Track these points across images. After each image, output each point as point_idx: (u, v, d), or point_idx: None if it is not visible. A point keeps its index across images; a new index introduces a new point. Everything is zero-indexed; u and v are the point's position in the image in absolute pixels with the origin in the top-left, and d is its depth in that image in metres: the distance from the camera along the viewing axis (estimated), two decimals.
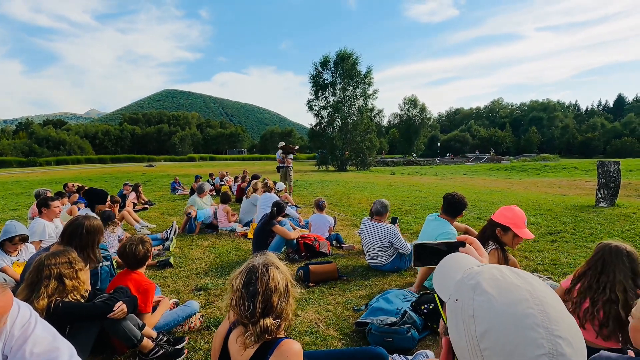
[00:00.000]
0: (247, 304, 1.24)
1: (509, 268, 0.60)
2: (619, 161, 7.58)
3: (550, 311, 0.50)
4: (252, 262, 1.36)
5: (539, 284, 0.56)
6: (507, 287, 0.54)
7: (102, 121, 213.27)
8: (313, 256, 4.60)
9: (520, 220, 2.52)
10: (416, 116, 68.11)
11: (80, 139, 79.00)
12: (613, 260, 2.05)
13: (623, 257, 2.04)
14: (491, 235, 2.56)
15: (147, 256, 2.53)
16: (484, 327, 0.52)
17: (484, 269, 0.60)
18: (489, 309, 0.53)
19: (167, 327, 2.56)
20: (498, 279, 0.56)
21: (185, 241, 5.64)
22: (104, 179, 20.36)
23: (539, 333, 0.48)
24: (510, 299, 0.52)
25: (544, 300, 0.52)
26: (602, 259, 2.10)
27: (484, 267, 0.61)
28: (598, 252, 2.15)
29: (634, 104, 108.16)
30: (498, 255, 2.49)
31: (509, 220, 2.51)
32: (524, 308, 0.50)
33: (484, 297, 0.54)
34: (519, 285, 0.54)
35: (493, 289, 0.54)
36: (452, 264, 0.71)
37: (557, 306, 0.52)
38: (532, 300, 0.51)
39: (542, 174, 21.97)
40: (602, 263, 2.08)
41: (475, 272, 0.60)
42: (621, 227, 5.45)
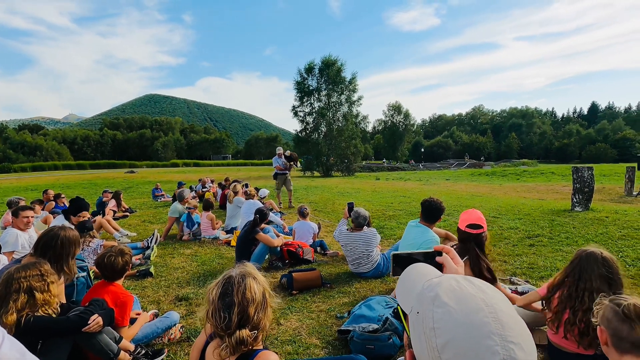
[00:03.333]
0: (223, 315, 1.23)
1: (465, 278, 0.62)
2: (593, 167, 7.88)
3: (503, 318, 0.53)
4: (229, 273, 1.35)
5: (491, 291, 0.58)
6: (463, 298, 0.56)
7: (82, 126, 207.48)
8: (297, 263, 4.59)
9: (466, 219, 2.57)
10: (400, 122, 69.12)
11: (58, 144, 76.55)
12: (589, 267, 2.06)
13: (598, 263, 2.04)
14: (470, 240, 2.60)
15: (126, 268, 2.46)
16: (444, 339, 0.53)
17: (443, 280, 0.62)
18: (449, 320, 0.54)
19: (145, 340, 2.49)
20: (455, 289, 0.58)
21: (166, 249, 5.53)
22: (83, 186, 19.78)
23: (494, 340, 0.50)
24: (467, 309, 0.54)
25: (497, 308, 0.54)
26: (579, 266, 2.10)
27: (442, 278, 0.63)
28: (575, 259, 2.17)
29: (606, 111, 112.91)
30: (471, 264, 2.52)
31: (460, 223, 2.59)
32: (480, 317, 0.52)
33: (444, 309, 0.56)
34: (474, 294, 0.56)
35: (451, 300, 0.56)
36: (413, 276, 0.73)
37: (509, 312, 0.55)
38: (486, 309, 0.53)
39: (522, 179, 22.58)
40: (579, 270, 2.09)
41: (434, 284, 0.61)
42: (595, 231, 5.65)
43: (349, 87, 33.85)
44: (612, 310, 1.41)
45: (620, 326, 1.36)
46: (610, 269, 2.03)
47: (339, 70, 33.06)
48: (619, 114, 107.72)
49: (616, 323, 1.37)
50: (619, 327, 1.36)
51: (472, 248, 2.51)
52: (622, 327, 1.35)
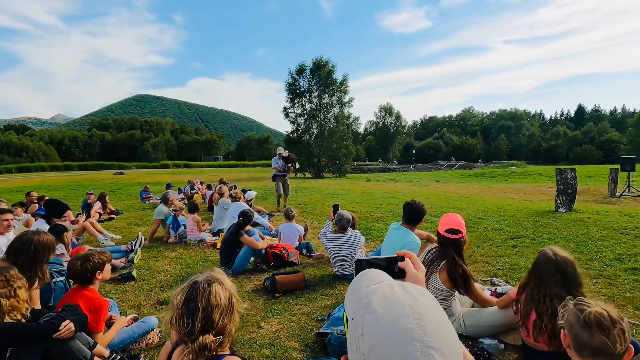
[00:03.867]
0: (187, 321, 1.22)
1: (401, 284, 0.63)
2: (576, 169, 8.03)
3: (426, 324, 0.54)
4: (195, 278, 1.35)
5: (423, 297, 0.59)
6: (392, 304, 0.57)
7: (70, 127, 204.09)
8: (282, 266, 4.58)
9: (445, 224, 2.62)
10: (391, 124, 69.61)
11: (45, 145, 75.18)
12: (546, 274, 2.09)
13: (554, 269, 2.07)
14: (448, 245, 2.62)
15: (88, 275, 2.41)
16: (370, 345, 0.54)
17: (379, 287, 0.62)
18: (375, 326, 0.55)
19: (122, 345, 2.46)
20: (387, 296, 0.59)
21: (151, 252, 5.46)
22: (70, 187, 19.45)
23: (414, 346, 0.51)
24: (393, 316, 0.55)
25: (423, 314, 0.55)
26: (538, 270, 2.14)
27: (380, 285, 0.63)
28: (535, 263, 2.21)
29: (592, 113, 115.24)
30: (447, 268, 2.55)
31: (440, 226, 2.63)
32: (404, 323, 0.53)
33: (372, 315, 0.57)
34: (403, 301, 0.57)
35: (380, 307, 0.57)
36: (359, 282, 0.74)
37: (435, 319, 0.56)
38: (412, 315, 0.54)
39: (510, 180, 22.90)
40: (539, 275, 2.13)
41: (370, 291, 0.62)
42: (576, 232, 5.75)
43: (340, 88, 34.00)
44: (574, 316, 1.44)
45: (581, 332, 1.39)
46: (565, 273, 2.06)
47: (330, 72, 33.17)
48: (605, 116, 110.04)
49: (578, 329, 1.40)
50: (580, 333, 1.39)
51: (450, 253, 2.54)
52: (583, 333, 1.38)
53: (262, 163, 78.08)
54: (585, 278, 3.77)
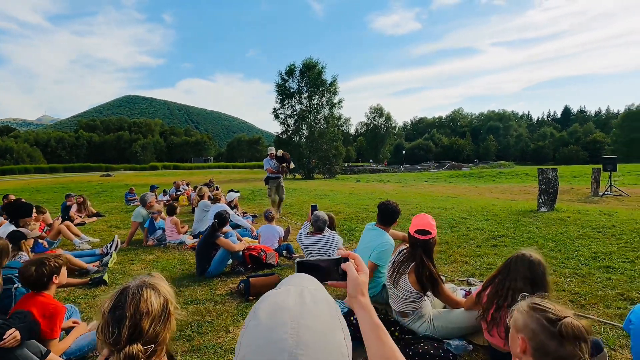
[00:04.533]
0: (112, 330, 1.15)
1: (300, 289, 0.59)
2: (557, 168, 8.14)
3: (304, 335, 0.50)
4: (127, 284, 1.28)
5: (315, 306, 0.55)
6: (276, 311, 0.53)
7: (56, 128, 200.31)
8: (260, 268, 4.51)
9: (415, 225, 2.61)
10: (382, 125, 70.11)
11: (30, 146, 73.68)
12: (516, 268, 2.10)
13: (525, 265, 2.08)
14: (418, 246, 2.59)
15: (44, 279, 2.31)
16: (242, 354, 0.52)
17: (275, 292, 0.59)
18: (252, 334, 0.52)
19: (80, 353, 2.37)
20: (277, 302, 0.56)
21: (127, 256, 5.34)
22: (54, 190, 19.01)
23: (282, 357, 0.47)
24: (272, 324, 0.51)
25: (303, 324, 0.51)
26: (509, 266, 2.15)
27: (278, 290, 0.60)
28: (507, 260, 2.22)
29: (578, 114, 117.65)
30: (416, 269, 2.53)
31: (411, 227, 2.61)
32: (280, 333, 0.50)
33: (254, 323, 0.54)
34: (289, 308, 0.53)
35: (264, 314, 0.54)
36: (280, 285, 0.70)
37: (317, 330, 0.52)
38: (290, 324, 0.51)
39: (497, 181, 23.18)
40: (508, 270, 2.14)
41: (266, 296, 0.59)
42: (555, 231, 5.81)
43: (329, 89, 34.04)
44: (539, 324, 1.32)
45: (548, 342, 1.28)
46: (534, 272, 2.06)
47: (320, 73, 33.19)
48: (590, 117, 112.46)
49: (544, 338, 1.29)
50: (547, 342, 1.28)
51: (419, 254, 2.51)
52: (551, 343, 1.27)
53: (253, 164, 77.77)
54: (559, 277, 3.80)
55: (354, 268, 0.92)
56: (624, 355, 2.35)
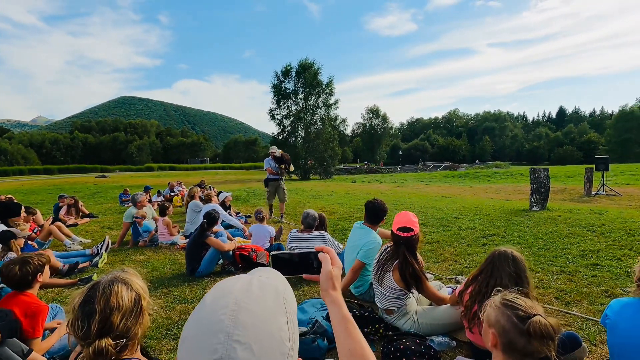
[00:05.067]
0: (81, 325, 1.16)
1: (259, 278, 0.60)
2: (548, 168, 8.20)
3: (242, 317, 0.51)
4: (98, 279, 1.28)
5: (261, 291, 0.57)
6: (219, 295, 0.55)
7: (51, 129, 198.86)
8: (250, 267, 4.46)
9: (397, 222, 2.63)
10: (378, 125, 70.20)
11: (25, 148, 73.09)
12: (500, 266, 2.13)
13: (509, 262, 2.12)
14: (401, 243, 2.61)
15: (29, 278, 2.31)
16: (183, 335, 0.53)
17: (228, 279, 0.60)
18: (195, 316, 0.54)
19: (63, 352, 2.36)
20: (223, 288, 0.57)
21: (118, 256, 5.32)
22: (48, 191, 18.87)
23: (218, 338, 0.49)
24: (214, 307, 0.53)
25: (244, 307, 0.52)
26: (492, 264, 2.18)
27: (230, 278, 0.61)
28: (489, 258, 2.24)
29: (573, 115, 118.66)
30: (399, 267, 2.54)
31: (393, 225, 2.63)
32: (219, 315, 0.51)
33: (199, 306, 0.56)
34: (234, 292, 0.55)
35: (210, 298, 0.56)
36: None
37: (258, 314, 0.53)
38: (231, 306, 0.52)
39: (492, 181, 23.29)
40: (492, 267, 2.17)
41: (218, 283, 0.60)
42: (545, 229, 5.85)
43: (325, 90, 34.08)
44: (510, 322, 1.34)
45: (517, 338, 1.31)
46: (518, 268, 2.11)
47: (316, 74, 33.24)
48: (585, 118, 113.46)
49: (513, 335, 1.32)
50: (516, 339, 1.31)
51: (402, 251, 2.53)
52: (519, 339, 1.31)
53: (249, 165, 77.72)
54: (547, 275, 3.84)
55: (329, 262, 0.93)
56: (604, 350, 2.37)
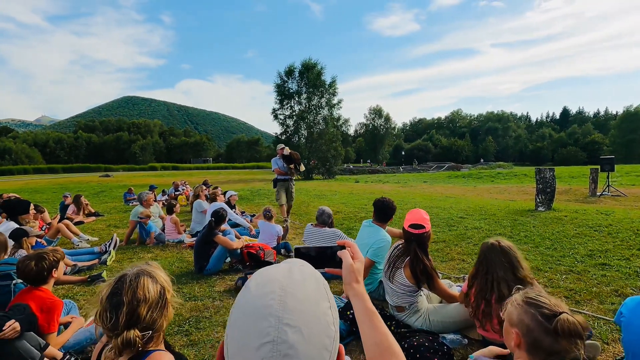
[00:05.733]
0: (110, 316, 1.18)
1: (295, 266, 0.62)
2: (554, 168, 8.18)
3: (290, 302, 0.52)
4: (124, 271, 1.30)
5: (302, 277, 0.58)
6: (264, 282, 0.56)
7: (55, 129, 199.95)
8: (258, 266, 4.52)
9: (409, 219, 2.64)
10: (381, 126, 70.14)
11: (29, 147, 73.51)
12: (493, 258, 2.16)
13: (498, 253, 2.15)
14: (412, 240, 2.62)
15: (44, 274, 2.33)
16: (232, 320, 0.55)
17: (268, 267, 0.62)
18: (242, 302, 0.55)
19: (78, 347, 2.38)
20: (267, 274, 0.59)
21: (126, 254, 5.36)
22: (53, 190, 19.00)
23: (269, 322, 0.50)
24: (259, 293, 0.54)
25: (290, 292, 0.54)
26: (485, 259, 2.20)
27: (269, 266, 0.63)
28: (480, 254, 2.27)
29: (577, 116, 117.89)
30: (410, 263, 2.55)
31: (405, 222, 2.64)
32: (267, 300, 0.53)
33: (243, 293, 0.57)
34: (278, 279, 0.56)
35: (253, 284, 0.57)
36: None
37: (304, 298, 0.54)
38: (278, 291, 0.53)
39: (496, 181, 23.23)
40: (486, 263, 2.19)
41: (258, 271, 0.62)
42: (552, 229, 5.84)
43: (329, 90, 34.10)
44: (534, 320, 1.30)
45: (542, 337, 1.27)
46: (509, 257, 2.13)
47: (319, 74, 33.26)
48: (588, 118, 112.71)
49: (539, 334, 1.28)
50: (541, 338, 1.27)
51: (413, 248, 2.54)
52: (545, 338, 1.26)
53: (252, 165, 77.85)
54: (555, 274, 3.83)
55: (350, 255, 0.94)
56: (617, 348, 2.37)
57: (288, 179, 7.43)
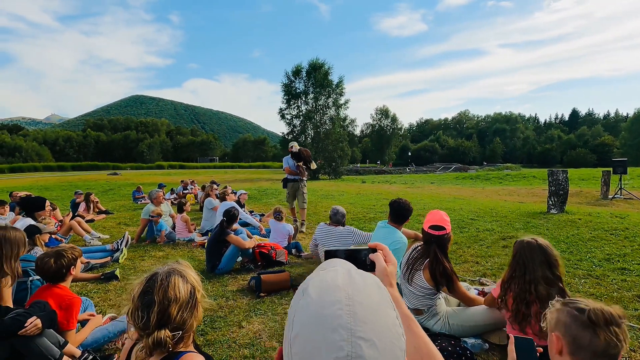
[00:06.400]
0: (141, 315, 1.16)
1: (347, 270, 0.58)
2: (567, 170, 8.05)
3: (360, 312, 0.48)
4: (155, 270, 1.29)
5: (367, 283, 0.54)
6: (327, 289, 0.52)
7: (64, 127, 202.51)
8: (269, 265, 4.51)
9: (429, 220, 2.61)
10: (388, 126, 69.81)
11: (39, 145, 74.51)
12: (530, 257, 2.10)
13: (536, 250, 2.10)
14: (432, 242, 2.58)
15: (63, 271, 2.33)
16: (295, 331, 0.50)
17: (322, 272, 0.58)
18: (304, 312, 0.50)
19: (96, 345, 2.38)
20: (326, 281, 0.54)
21: (138, 252, 5.37)
22: (62, 187, 19.22)
23: (340, 335, 0.46)
24: (324, 301, 0.50)
25: (358, 301, 0.49)
26: (522, 258, 2.15)
27: (324, 270, 0.59)
28: (516, 254, 2.20)
29: (586, 117, 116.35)
30: (430, 265, 2.51)
31: (425, 223, 2.61)
32: (334, 310, 0.48)
33: (305, 301, 0.52)
34: (341, 286, 0.52)
35: (315, 291, 0.52)
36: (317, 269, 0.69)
37: (373, 306, 0.50)
38: (345, 301, 0.49)
39: (504, 183, 23.00)
40: (523, 263, 2.13)
41: (312, 276, 0.58)
42: (567, 232, 5.74)
43: (336, 90, 34.03)
44: (570, 315, 1.26)
45: (581, 333, 1.22)
46: (547, 254, 2.09)
47: (326, 74, 33.21)
48: (598, 120, 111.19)
49: (576, 330, 1.23)
50: (580, 334, 1.22)
51: (433, 250, 2.49)
52: (584, 334, 1.21)
53: (258, 164, 78.08)
54: (573, 278, 3.76)
55: (383, 259, 0.91)
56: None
57: (298, 179, 6.84)
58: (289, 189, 6.95)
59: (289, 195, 7.02)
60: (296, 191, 6.87)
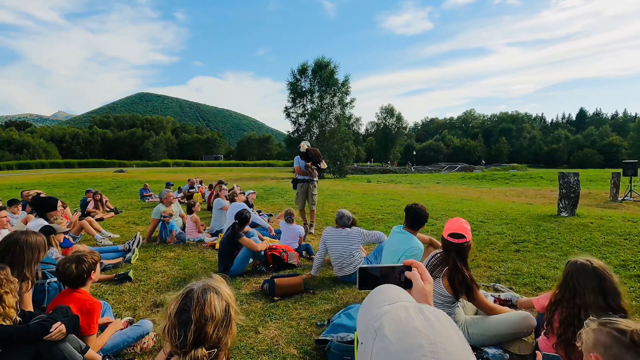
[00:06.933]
0: (179, 333, 1.16)
1: (418, 307, 0.57)
2: (578, 172, 7.96)
3: (444, 358, 0.47)
4: (191, 286, 1.28)
5: (442, 324, 0.53)
6: (406, 332, 0.51)
7: (71, 124, 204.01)
8: (281, 268, 4.51)
9: (449, 228, 2.56)
10: (393, 125, 69.54)
11: (46, 142, 75.06)
12: (582, 282, 1.95)
13: (591, 276, 1.94)
14: (451, 250, 2.55)
15: (84, 276, 2.35)
16: None
17: (392, 309, 0.57)
18: (384, 357, 0.50)
19: (115, 349, 2.39)
20: (401, 321, 0.53)
21: (149, 252, 5.40)
22: (70, 185, 19.39)
23: None
24: (406, 346, 0.49)
25: (441, 347, 0.48)
26: (572, 281, 2.00)
27: (393, 306, 0.58)
28: (567, 275, 2.06)
29: (594, 117, 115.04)
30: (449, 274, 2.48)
31: (444, 231, 2.56)
32: (417, 356, 0.47)
33: (382, 343, 0.51)
34: (419, 329, 0.51)
35: (392, 334, 0.51)
36: (372, 300, 0.67)
37: (455, 352, 0.49)
38: (428, 347, 0.48)
39: (511, 183, 22.84)
40: (573, 286, 1.99)
41: (382, 313, 0.57)
42: (579, 237, 5.68)
43: (341, 89, 34.00)
44: (611, 336, 1.24)
45: (623, 354, 1.19)
46: (602, 281, 1.92)
47: (332, 72, 33.17)
48: (606, 120, 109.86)
49: (618, 351, 1.20)
50: (622, 355, 1.19)
51: (452, 258, 2.47)
52: (626, 355, 1.19)
53: (263, 163, 78.21)
54: None
55: (419, 277, 0.90)
56: None
57: (308, 179, 6.62)
58: (298, 190, 6.75)
59: (298, 196, 6.81)
60: (306, 192, 6.70)
